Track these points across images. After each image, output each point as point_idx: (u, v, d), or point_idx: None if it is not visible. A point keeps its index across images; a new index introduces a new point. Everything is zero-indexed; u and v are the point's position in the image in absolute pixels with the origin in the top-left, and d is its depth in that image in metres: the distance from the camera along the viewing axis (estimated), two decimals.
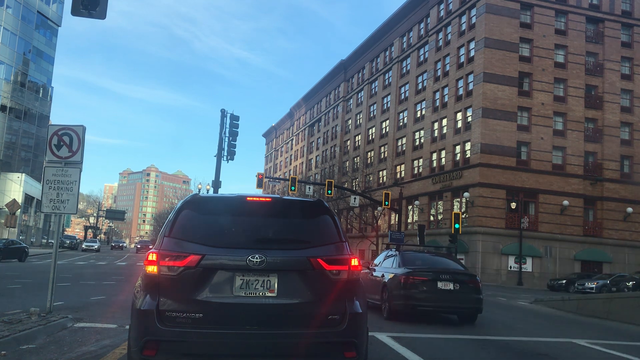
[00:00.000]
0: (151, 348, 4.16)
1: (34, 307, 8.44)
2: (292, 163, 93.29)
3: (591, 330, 12.46)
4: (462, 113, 45.06)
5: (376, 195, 52.59)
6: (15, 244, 32.25)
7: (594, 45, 45.51)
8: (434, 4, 51.50)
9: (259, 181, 42.39)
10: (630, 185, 44.31)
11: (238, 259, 4.26)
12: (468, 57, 45.07)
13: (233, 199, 4.83)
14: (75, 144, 9.15)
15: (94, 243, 60.58)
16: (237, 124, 32.98)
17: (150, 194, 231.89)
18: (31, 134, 61.23)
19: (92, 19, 9.18)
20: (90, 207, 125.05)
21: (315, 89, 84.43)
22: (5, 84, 55.78)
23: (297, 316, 4.28)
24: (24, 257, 31.38)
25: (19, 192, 53.88)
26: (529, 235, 40.79)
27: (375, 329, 9.03)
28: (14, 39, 56.16)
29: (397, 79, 58.03)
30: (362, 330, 4.51)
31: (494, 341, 9.31)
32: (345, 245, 4.63)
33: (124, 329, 7.78)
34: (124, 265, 29.91)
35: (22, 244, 33.64)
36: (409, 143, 53.56)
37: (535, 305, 19.64)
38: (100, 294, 13.55)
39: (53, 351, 6.33)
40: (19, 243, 32.99)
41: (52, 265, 9.18)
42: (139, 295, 4.39)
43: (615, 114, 45.06)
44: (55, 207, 9.18)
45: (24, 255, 31.66)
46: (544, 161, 42.73)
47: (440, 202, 47.13)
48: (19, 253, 31.18)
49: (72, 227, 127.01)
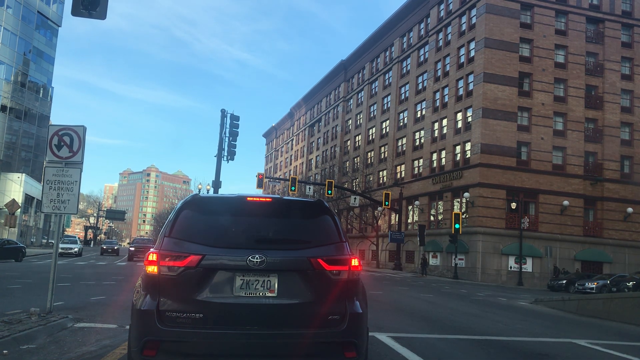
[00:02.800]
0: (151, 348, 4.16)
1: (34, 307, 8.44)
2: (293, 163, 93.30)
3: (591, 330, 12.45)
4: (462, 113, 45.06)
5: (376, 195, 52.61)
6: (12, 243, 31.96)
7: (594, 45, 45.50)
8: (434, 4, 51.50)
9: (259, 181, 42.49)
10: (631, 185, 44.31)
11: (238, 259, 4.26)
12: (468, 57, 45.06)
13: (233, 199, 4.82)
14: (76, 144, 9.14)
15: (72, 244, 42.31)
16: (237, 124, 33.05)
17: (151, 194, 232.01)
18: (31, 134, 61.22)
19: (92, 19, 9.16)
20: (90, 207, 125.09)
21: (315, 89, 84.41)
22: (5, 84, 55.78)
23: (298, 316, 4.28)
24: (20, 257, 31.12)
25: (19, 192, 53.86)
26: (529, 235, 40.79)
27: (375, 329, 9.03)
28: (14, 39, 56.16)
29: (397, 79, 58.02)
30: (363, 331, 4.51)
31: (494, 341, 9.31)
32: (345, 245, 4.62)
33: (124, 329, 7.78)
34: (124, 265, 29.89)
35: (19, 244, 33.39)
36: (409, 143, 53.56)
37: (535, 305, 19.63)
38: (100, 294, 13.54)
39: (53, 351, 6.33)
40: (15, 243, 32.72)
41: (52, 265, 9.18)
42: (139, 295, 4.39)
43: (615, 114, 45.06)
44: (56, 207, 9.18)
45: (21, 255, 31.42)
46: (544, 161, 42.72)
47: (441, 202, 47.12)
48: (16, 253, 30.91)
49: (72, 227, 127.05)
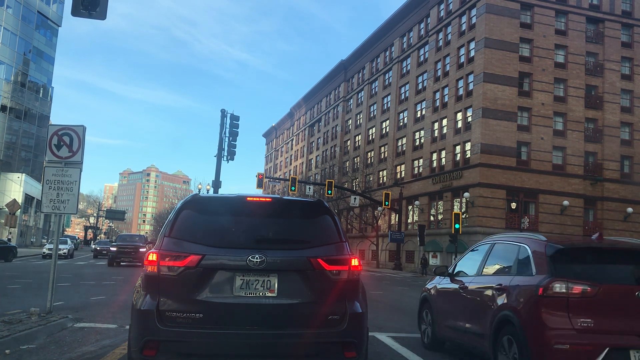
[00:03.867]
0: (151, 348, 4.16)
1: (34, 307, 8.44)
2: (292, 163, 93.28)
3: None
4: (462, 113, 45.05)
5: (376, 195, 52.59)
6: (2, 243, 31.75)
7: (594, 45, 45.49)
8: (434, 4, 51.49)
9: (259, 181, 42.45)
10: (630, 185, 44.30)
11: (238, 259, 4.26)
12: (468, 57, 45.06)
13: (233, 199, 4.82)
14: (76, 144, 9.14)
15: (62, 245, 36.44)
16: (237, 124, 33.03)
17: (150, 194, 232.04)
18: (31, 134, 61.24)
19: (92, 19, 9.16)
20: (90, 207, 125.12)
21: (315, 89, 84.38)
22: (5, 84, 55.80)
23: (297, 316, 4.28)
24: (10, 257, 30.85)
25: (19, 192, 53.88)
26: None
27: (375, 329, 9.02)
28: (14, 39, 56.19)
29: (397, 79, 58.02)
30: (363, 331, 4.51)
31: None
32: (345, 245, 4.62)
33: (124, 329, 7.78)
34: (124, 265, 29.89)
35: (9, 243, 32.93)
36: (409, 143, 53.55)
37: None
38: (100, 294, 13.55)
39: (53, 351, 6.33)
40: (5, 243, 32.48)
41: (52, 265, 9.17)
42: (139, 295, 4.39)
43: (615, 114, 45.05)
44: (55, 207, 9.16)
45: (11, 255, 31.14)
46: (544, 161, 42.71)
47: (441, 202, 47.12)
48: (6, 253, 30.65)
49: (72, 227, 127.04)
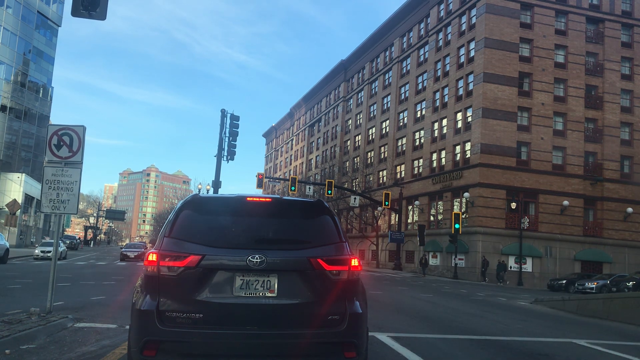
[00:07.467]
0: (151, 348, 4.15)
1: (34, 307, 8.44)
2: (292, 163, 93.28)
3: (591, 331, 12.45)
4: (462, 113, 45.06)
5: (376, 195, 52.61)
6: None
7: (594, 45, 45.49)
8: (434, 4, 51.49)
9: (259, 181, 42.48)
10: (630, 185, 44.30)
11: (238, 259, 4.25)
12: (468, 57, 45.06)
13: (233, 199, 4.82)
14: (76, 144, 9.13)
15: (48, 247, 34.51)
16: (237, 124, 33.04)
17: (150, 194, 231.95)
18: (31, 134, 61.19)
19: (92, 20, 9.15)
20: (90, 207, 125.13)
21: (315, 89, 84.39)
22: (5, 84, 55.75)
23: (297, 316, 4.27)
24: (5, 258, 29.27)
25: (19, 192, 53.82)
26: (529, 235, 40.78)
27: (375, 329, 9.02)
28: (14, 39, 56.14)
29: (397, 79, 58.02)
30: (363, 331, 4.50)
31: (494, 341, 9.30)
32: (345, 245, 4.61)
33: (124, 329, 7.79)
34: (124, 265, 29.89)
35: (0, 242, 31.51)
36: (409, 143, 53.56)
37: (535, 305, 19.62)
38: (100, 294, 13.54)
39: (53, 351, 6.33)
40: None
41: (52, 265, 9.17)
42: (139, 295, 4.39)
43: (615, 114, 45.05)
44: (55, 207, 9.15)
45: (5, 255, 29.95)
46: (544, 161, 42.72)
47: (440, 202, 47.12)
48: None
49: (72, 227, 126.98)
